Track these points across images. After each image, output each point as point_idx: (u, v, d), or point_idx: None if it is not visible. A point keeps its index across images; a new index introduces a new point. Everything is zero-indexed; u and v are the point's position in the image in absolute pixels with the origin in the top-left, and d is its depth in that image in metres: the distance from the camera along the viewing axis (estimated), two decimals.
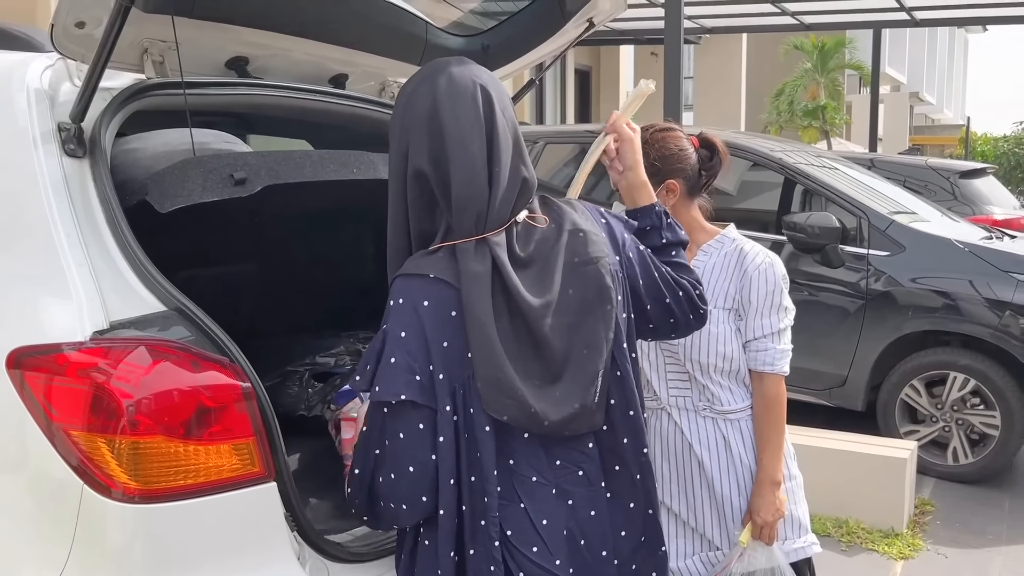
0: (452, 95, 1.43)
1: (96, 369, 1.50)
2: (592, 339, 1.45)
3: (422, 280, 1.39)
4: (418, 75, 1.51)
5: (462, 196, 1.41)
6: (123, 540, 1.48)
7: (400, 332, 1.37)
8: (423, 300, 1.38)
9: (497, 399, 1.37)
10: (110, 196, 1.74)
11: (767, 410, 2.08)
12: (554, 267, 1.45)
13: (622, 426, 1.50)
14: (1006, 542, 4.12)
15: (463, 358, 1.38)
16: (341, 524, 1.93)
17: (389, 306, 1.40)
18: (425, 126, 1.43)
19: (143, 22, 1.89)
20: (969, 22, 14.53)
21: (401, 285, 1.41)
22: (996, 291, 4.64)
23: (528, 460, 1.42)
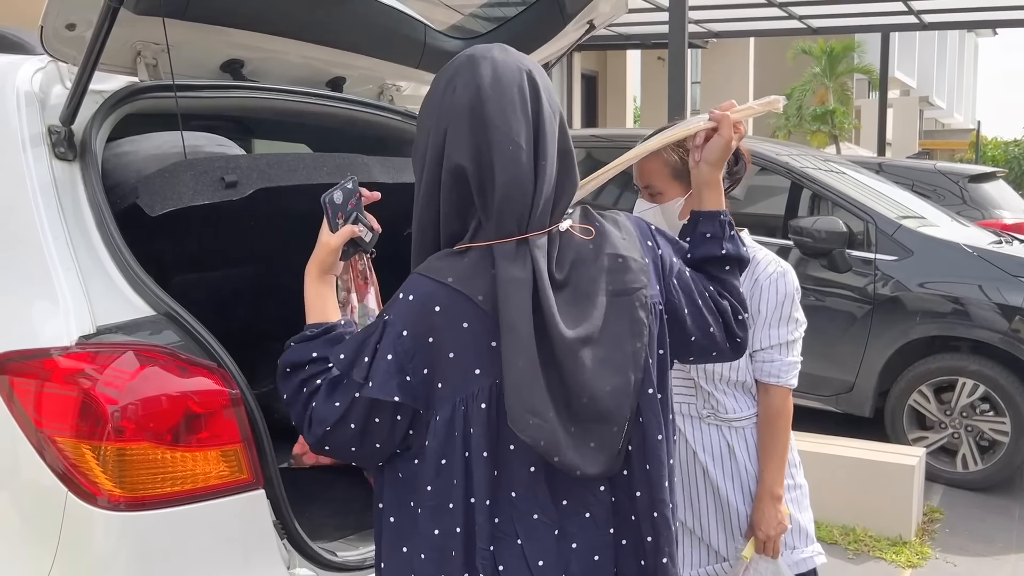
0: (497, 83, 1.32)
1: (82, 374, 1.48)
2: (622, 379, 1.34)
3: (438, 285, 1.30)
4: (454, 63, 1.38)
5: (506, 192, 1.30)
6: (108, 548, 1.46)
7: (402, 329, 1.30)
8: (435, 305, 1.30)
9: (523, 416, 1.27)
10: (100, 200, 1.73)
11: (770, 423, 2.03)
12: (594, 295, 1.35)
13: (638, 480, 1.39)
14: (1016, 550, 4.07)
15: (469, 374, 1.30)
16: (333, 532, 1.91)
17: (397, 298, 1.32)
18: (467, 118, 1.32)
19: (135, 24, 1.87)
20: (978, 25, 14.45)
21: (416, 282, 1.32)
22: (1006, 296, 4.60)
23: (531, 496, 1.33)
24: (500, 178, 1.30)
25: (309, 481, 2.23)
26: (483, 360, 1.30)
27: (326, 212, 1.51)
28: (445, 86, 1.35)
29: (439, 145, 1.33)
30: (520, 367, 1.26)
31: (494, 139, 1.30)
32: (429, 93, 1.40)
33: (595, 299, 1.34)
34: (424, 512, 1.33)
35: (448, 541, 1.31)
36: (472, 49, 1.38)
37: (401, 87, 2.81)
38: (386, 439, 1.33)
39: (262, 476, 1.56)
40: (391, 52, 2.54)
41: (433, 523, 1.32)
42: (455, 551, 1.30)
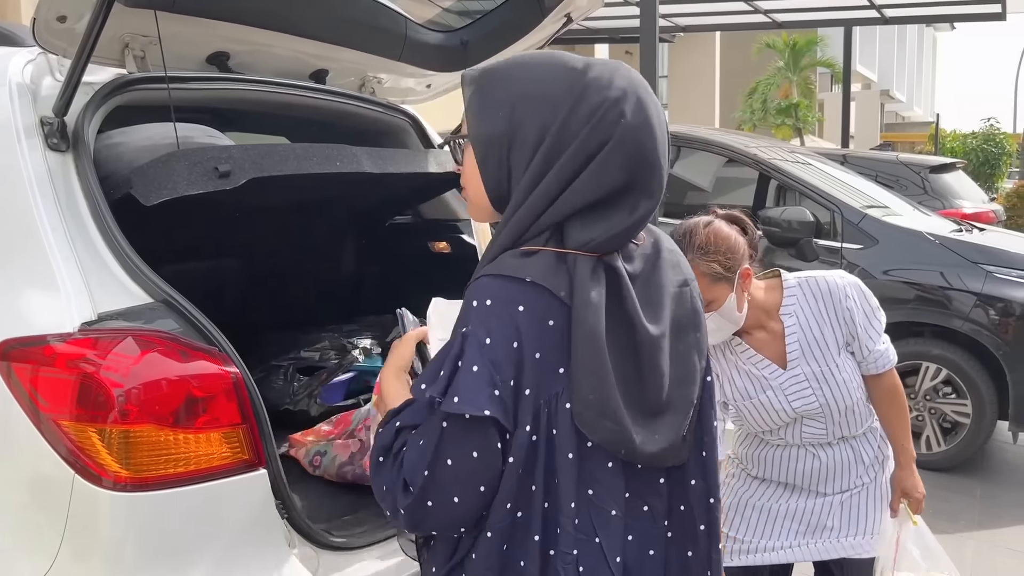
0: (659, 122, 1.25)
1: (85, 360, 1.51)
2: (688, 368, 1.32)
3: (517, 283, 1.20)
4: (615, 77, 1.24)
5: (636, 222, 1.24)
6: (115, 528, 1.49)
7: (485, 337, 1.18)
8: (518, 304, 1.19)
9: (597, 421, 1.21)
10: (94, 190, 1.75)
11: (894, 399, 2.16)
12: (662, 290, 1.32)
13: (693, 466, 1.36)
14: (978, 527, 4.20)
15: (554, 373, 1.21)
16: (330, 513, 1.95)
17: (471, 307, 1.20)
18: (623, 145, 1.21)
19: (124, 16, 1.89)
20: (937, 19, 14.74)
21: (489, 285, 1.21)
22: (966, 282, 4.73)
23: (609, 491, 1.27)
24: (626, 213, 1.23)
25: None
26: (567, 358, 1.21)
27: (400, 322, 1.53)
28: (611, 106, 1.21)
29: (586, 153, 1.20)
30: (593, 369, 1.20)
31: (646, 175, 1.23)
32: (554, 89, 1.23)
33: (665, 291, 1.32)
34: (494, 535, 1.23)
35: (517, 552, 1.23)
36: (628, 72, 1.27)
37: (382, 79, 2.85)
38: (492, 477, 1.20)
39: (263, 457, 1.60)
40: (373, 45, 2.57)
41: (502, 540, 1.23)
42: (525, 561, 1.23)
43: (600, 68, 1.25)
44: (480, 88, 1.25)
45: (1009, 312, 4.60)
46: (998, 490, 4.70)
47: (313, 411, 2.64)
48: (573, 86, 1.22)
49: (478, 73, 1.27)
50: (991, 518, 4.31)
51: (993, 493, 4.65)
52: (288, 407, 2.63)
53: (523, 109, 1.22)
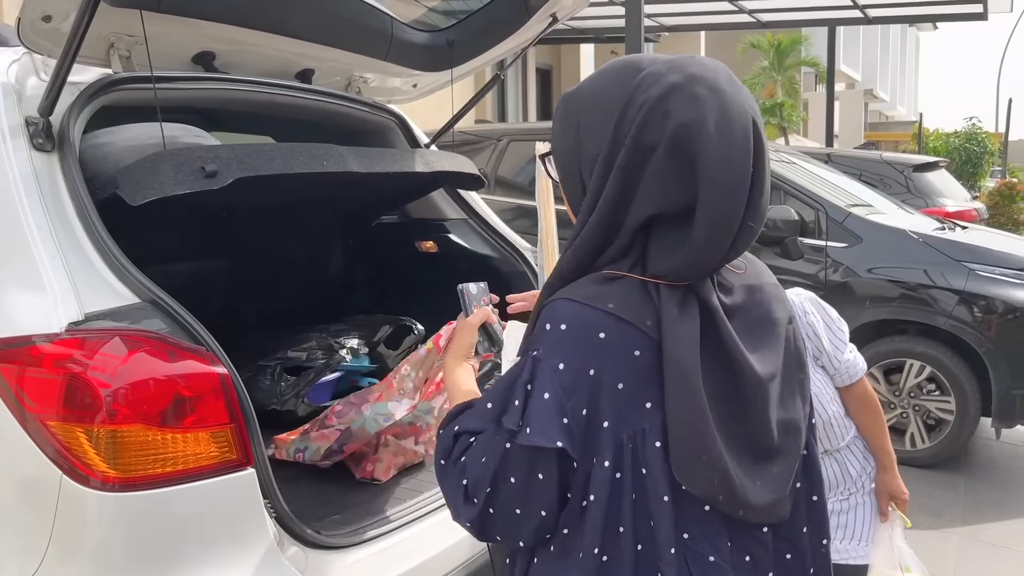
0: (726, 126, 1.09)
1: (72, 360, 1.50)
2: (795, 412, 1.21)
3: (597, 312, 1.11)
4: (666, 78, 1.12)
5: (699, 254, 1.11)
6: (103, 528, 1.48)
7: (558, 363, 1.10)
8: (598, 332, 1.11)
9: (692, 467, 1.11)
10: (80, 190, 1.75)
11: (868, 406, 2.17)
12: (770, 326, 1.21)
13: (805, 514, 1.26)
14: (962, 523, 4.24)
15: (640, 407, 1.12)
16: (318, 512, 1.95)
17: (544, 330, 1.12)
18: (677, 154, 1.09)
19: (110, 16, 1.89)
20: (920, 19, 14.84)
21: (567, 309, 1.12)
22: (949, 280, 4.77)
23: (707, 535, 1.16)
24: (705, 236, 1.10)
25: (293, 464, 2.28)
26: (654, 392, 1.12)
27: (462, 299, 1.53)
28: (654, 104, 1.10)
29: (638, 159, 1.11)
30: (686, 411, 1.10)
31: (709, 190, 1.09)
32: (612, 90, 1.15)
33: (770, 328, 1.21)
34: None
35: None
36: (690, 66, 1.13)
37: (368, 79, 2.85)
38: (553, 500, 1.14)
39: (251, 456, 1.59)
40: (359, 45, 2.58)
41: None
42: None
43: (660, 63, 1.14)
44: (562, 103, 1.22)
45: (991, 310, 4.64)
46: (981, 486, 4.74)
47: (300, 411, 2.64)
48: (626, 86, 1.13)
49: (570, 90, 1.22)
50: (975, 513, 4.35)
51: (976, 489, 4.69)
52: (275, 407, 2.63)
53: (586, 118, 1.16)
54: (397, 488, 2.13)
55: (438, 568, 1.88)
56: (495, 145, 6.51)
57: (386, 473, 2.27)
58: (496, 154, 6.48)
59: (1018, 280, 4.70)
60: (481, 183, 2.86)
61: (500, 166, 6.46)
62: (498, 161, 6.46)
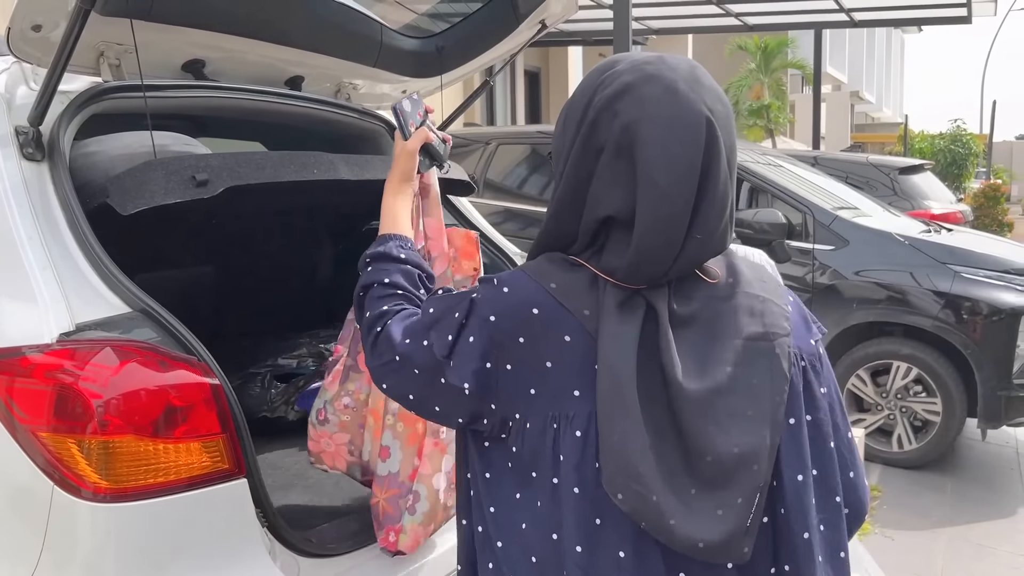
0: (672, 124, 1.06)
1: (63, 371, 1.50)
2: (749, 438, 1.07)
3: (539, 287, 1.13)
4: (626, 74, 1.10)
5: (641, 257, 1.08)
6: (95, 539, 1.48)
7: (490, 315, 1.13)
8: (533, 307, 1.12)
9: (617, 479, 1.05)
10: (71, 199, 1.75)
11: None
12: (724, 340, 1.11)
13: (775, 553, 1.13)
14: (949, 523, 4.28)
15: (566, 392, 1.10)
16: (310, 520, 1.95)
17: (491, 283, 1.16)
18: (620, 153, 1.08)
19: (99, 25, 1.88)
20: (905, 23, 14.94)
21: (516, 278, 1.15)
22: (935, 282, 4.81)
23: (642, 559, 1.09)
24: (641, 241, 1.07)
25: (283, 471, 2.28)
26: (584, 382, 1.09)
27: (397, 120, 1.52)
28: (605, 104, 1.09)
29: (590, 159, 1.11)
30: (616, 419, 1.05)
31: (645, 194, 1.06)
32: (584, 87, 1.16)
33: (728, 341, 1.11)
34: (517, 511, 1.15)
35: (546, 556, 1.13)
36: (650, 65, 1.10)
37: (358, 85, 2.85)
38: (448, 410, 1.19)
39: (243, 465, 1.60)
40: (348, 51, 2.57)
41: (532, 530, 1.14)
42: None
43: (627, 62, 1.12)
44: (566, 106, 1.21)
45: (976, 311, 4.68)
46: (968, 486, 4.79)
47: (291, 417, 2.64)
48: (592, 85, 1.14)
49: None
50: (961, 514, 4.39)
51: (963, 489, 4.73)
52: (266, 414, 2.63)
53: (566, 118, 1.18)
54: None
55: (432, 573, 1.88)
56: (484, 148, 6.53)
57: (413, 546, 1.84)
58: (485, 157, 6.49)
59: (1002, 282, 4.75)
60: (471, 189, 2.86)
61: (489, 169, 6.48)
62: (487, 164, 6.48)
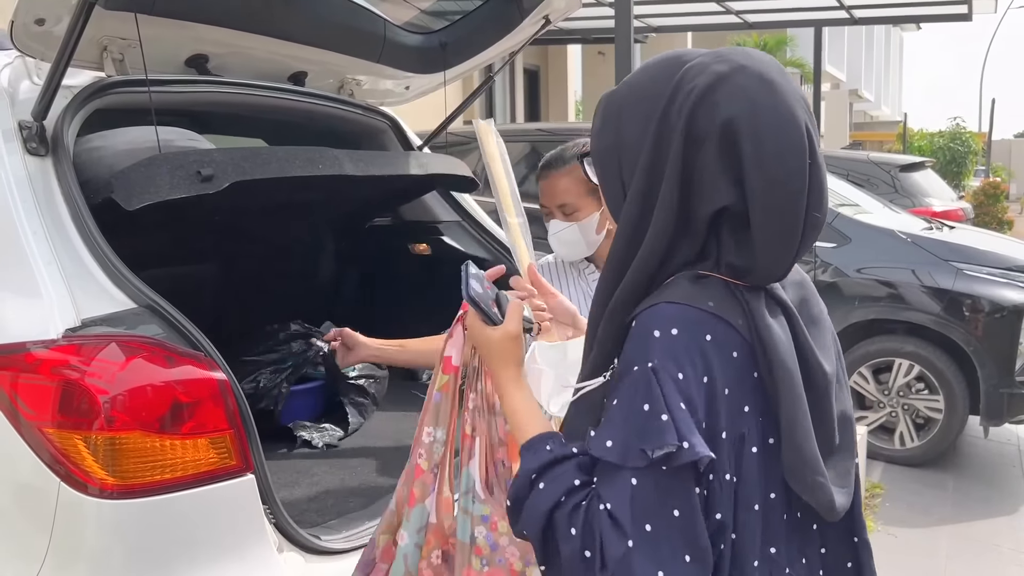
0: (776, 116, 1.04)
1: (68, 366, 1.49)
2: (848, 404, 1.18)
3: (700, 312, 1.04)
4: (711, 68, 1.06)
5: (769, 244, 1.05)
6: (102, 535, 1.47)
7: (677, 372, 1.00)
8: (705, 333, 1.03)
9: (803, 473, 1.06)
10: (75, 194, 1.74)
11: None
12: (817, 320, 1.17)
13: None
14: (951, 521, 4.27)
15: (740, 412, 1.05)
16: (316, 517, 1.95)
17: (651, 337, 1.02)
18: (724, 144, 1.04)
19: (103, 19, 1.87)
20: (906, 20, 14.95)
21: (670, 312, 1.04)
22: (937, 280, 4.80)
23: (788, 548, 1.11)
24: (763, 233, 1.05)
25: (289, 469, 2.27)
26: (749, 394, 1.05)
27: (476, 307, 1.27)
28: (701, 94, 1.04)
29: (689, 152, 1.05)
30: (799, 419, 1.05)
31: (761, 184, 1.03)
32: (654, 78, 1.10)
33: (821, 323, 1.18)
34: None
35: None
36: (736, 56, 1.08)
37: (361, 81, 2.84)
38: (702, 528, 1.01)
39: (251, 462, 1.59)
40: (352, 47, 2.57)
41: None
42: None
43: (704, 54, 1.09)
44: (602, 101, 1.16)
45: (979, 308, 4.67)
46: (970, 484, 4.78)
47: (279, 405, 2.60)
48: (670, 78, 1.08)
49: (610, 89, 1.17)
50: (964, 512, 4.38)
51: (965, 487, 4.73)
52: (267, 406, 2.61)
53: (628, 114, 1.11)
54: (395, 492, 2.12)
55: None
56: None
57: None
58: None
59: (1005, 279, 4.74)
60: (475, 185, 2.86)
61: None
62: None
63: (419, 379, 3.08)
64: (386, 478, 2.26)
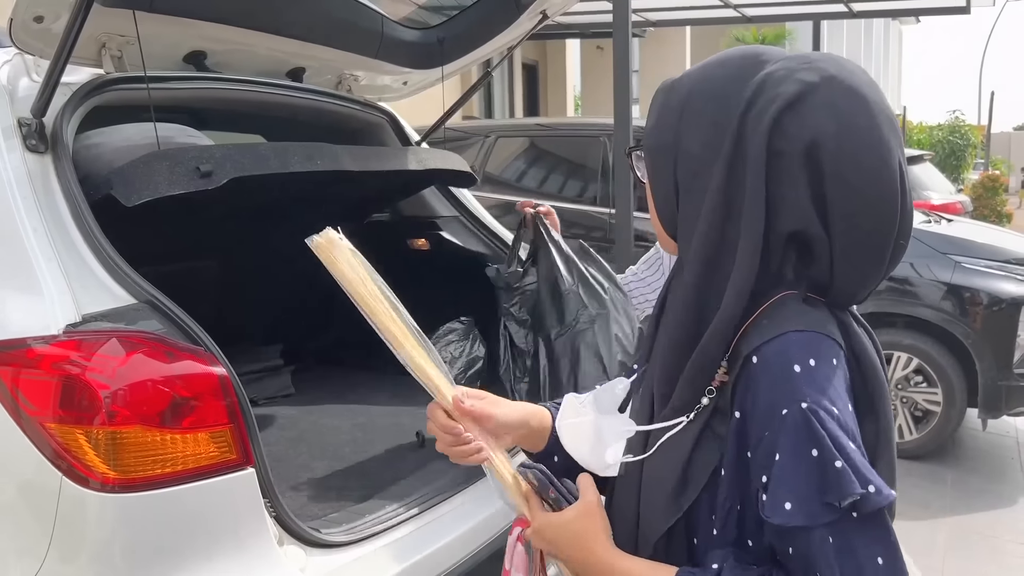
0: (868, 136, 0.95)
1: (69, 362, 1.50)
2: None
3: (825, 340, 0.96)
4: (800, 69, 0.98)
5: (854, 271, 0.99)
6: (103, 529, 1.48)
7: (831, 406, 0.92)
8: (833, 358, 0.96)
9: (893, 479, 1.04)
10: (75, 191, 1.75)
11: None
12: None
13: None
14: (950, 514, 4.28)
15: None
16: (317, 511, 1.96)
17: (793, 373, 0.92)
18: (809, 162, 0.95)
19: (101, 16, 1.88)
20: (904, 13, 14.92)
21: (802, 340, 0.94)
22: (936, 273, 4.81)
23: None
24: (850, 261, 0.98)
25: (289, 464, 2.28)
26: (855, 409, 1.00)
27: (545, 498, 1.13)
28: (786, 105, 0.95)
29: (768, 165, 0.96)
30: (892, 429, 1.03)
31: (851, 208, 0.95)
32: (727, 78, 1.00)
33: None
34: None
35: None
36: (824, 64, 0.98)
37: (359, 77, 2.85)
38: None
39: (251, 456, 1.60)
40: (350, 43, 2.58)
41: None
42: None
43: (789, 58, 1.00)
44: (661, 95, 1.07)
45: (977, 301, 4.68)
46: (969, 476, 4.79)
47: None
48: (749, 78, 0.99)
49: (670, 80, 1.07)
50: (963, 504, 4.39)
51: (964, 480, 4.74)
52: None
53: (693, 112, 1.01)
54: (396, 486, 2.13)
55: (438, 564, 1.89)
56: (483, 141, 6.52)
57: None
58: (484, 150, 6.49)
59: (1003, 272, 4.75)
60: (473, 180, 2.87)
61: (488, 162, 6.47)
62: (486, 157, 6.47)
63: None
64: (385, 471, 2.27)
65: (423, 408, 1.22)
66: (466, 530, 1.97)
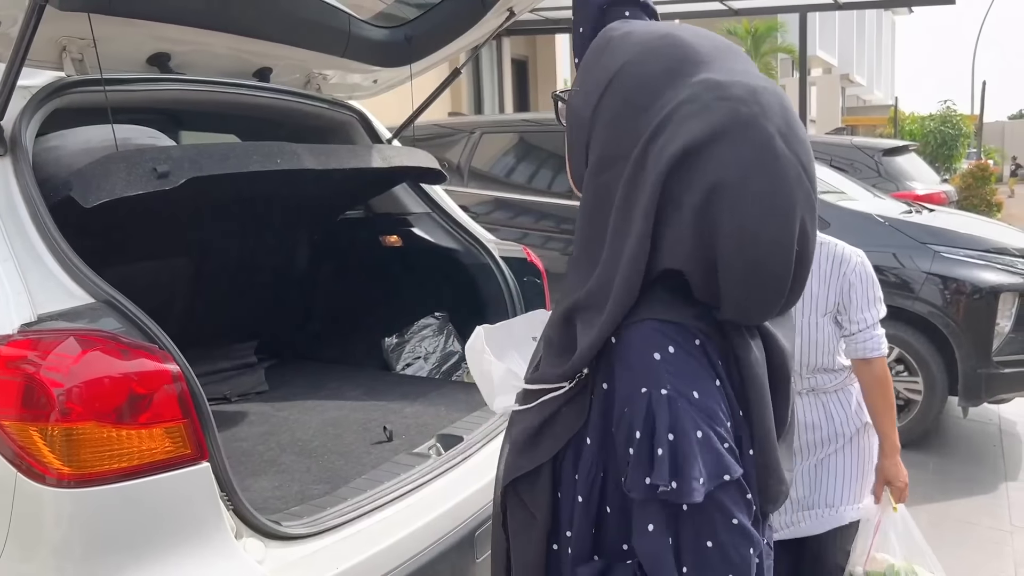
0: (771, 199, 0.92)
1: (25, 361, 1.52)
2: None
3: (683, 329, 0.96)
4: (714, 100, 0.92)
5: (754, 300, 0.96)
6: (59, 524, 1.51)
7: (692, 391, 0.93)
8: (695, 339, 0.96)
9: (771, 486, 1.02)
10: (33, 193, 1.77)
11: (880, 388, 2.21)
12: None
13: None
14: (932, 501, 4.31)
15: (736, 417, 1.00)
16: (279, 504, 1.98)
17: (652, 360, 0.94)
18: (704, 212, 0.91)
19: (60, 19, 1.90)
20: (891, 4, 14.94)
21: (660, 329, 0.95)
22: (916, 262, 4.83)
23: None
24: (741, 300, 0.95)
25: (254, 456, 2.30)
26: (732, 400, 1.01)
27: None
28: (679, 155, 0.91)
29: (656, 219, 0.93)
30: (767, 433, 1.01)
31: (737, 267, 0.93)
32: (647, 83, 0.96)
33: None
34: None
35: None
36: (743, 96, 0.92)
37: (328, 76, 2.87)
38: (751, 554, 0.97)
39: (206, 450, 1.62)
40: (316, 42, 2.60)
41: None
42: None
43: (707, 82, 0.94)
44: (600, 48, 1.03)
45: (956, 291, 4.71)
46: (949, 464, 4.83)
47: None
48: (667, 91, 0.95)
49: (613, 34, 1.03)
50: (943, 491, 4.43)
51: (945, 467, 4.77)
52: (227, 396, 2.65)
53: (611, 96, 0.99)
54: (358, 479, 2.16)
55: (398, 555, 1.91)
56: (468, 137, 6.54)
57: None
58: (469, 146, 6.50)
59: (982, 261, 4.78)
60: (442, 177, 2.89)
61: (474, 158, 6.48)
62: (471, 153, 6.48)
63: (392, 370, 3.12)
64: (351, 465, 2.30)
65: (394, 404, 1.27)
66: (427, 521, 2.00)
